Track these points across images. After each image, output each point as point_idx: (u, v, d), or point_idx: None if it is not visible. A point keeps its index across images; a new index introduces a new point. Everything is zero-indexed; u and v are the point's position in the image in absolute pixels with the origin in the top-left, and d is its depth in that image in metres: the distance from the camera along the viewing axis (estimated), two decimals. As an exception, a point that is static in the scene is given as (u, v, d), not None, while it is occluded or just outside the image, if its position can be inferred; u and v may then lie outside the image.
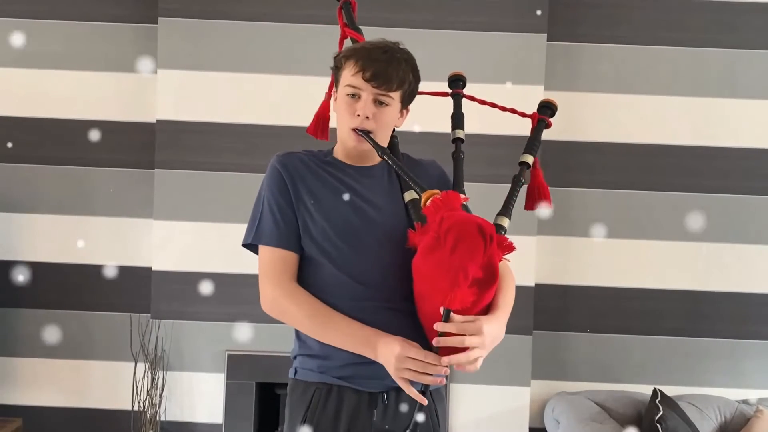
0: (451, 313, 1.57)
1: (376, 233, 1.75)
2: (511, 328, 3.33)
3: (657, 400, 3.23)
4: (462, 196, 1.72)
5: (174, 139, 3.41)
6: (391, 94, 1.74)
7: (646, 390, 3.41)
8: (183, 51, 3.41)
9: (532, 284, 3.44)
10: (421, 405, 1.63)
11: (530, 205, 1.90)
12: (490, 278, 1.62)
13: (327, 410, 1.74)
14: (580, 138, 3.63)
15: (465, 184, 1.84)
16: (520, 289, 3.33)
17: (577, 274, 3.64)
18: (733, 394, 3.54)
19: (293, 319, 1.75)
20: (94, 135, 3.56)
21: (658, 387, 3.33)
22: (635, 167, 3.62)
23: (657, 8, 3.61)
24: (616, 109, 3.62)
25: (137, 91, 3.56)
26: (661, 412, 3.17)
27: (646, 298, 3.62)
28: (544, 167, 3.43)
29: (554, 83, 3.51)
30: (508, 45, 3.42)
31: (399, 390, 1.72)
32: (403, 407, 1.74)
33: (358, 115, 1.74)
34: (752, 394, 3.57)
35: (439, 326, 1.57)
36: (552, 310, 3.61)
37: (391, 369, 1.63)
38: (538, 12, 3.40)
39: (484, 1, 3.43)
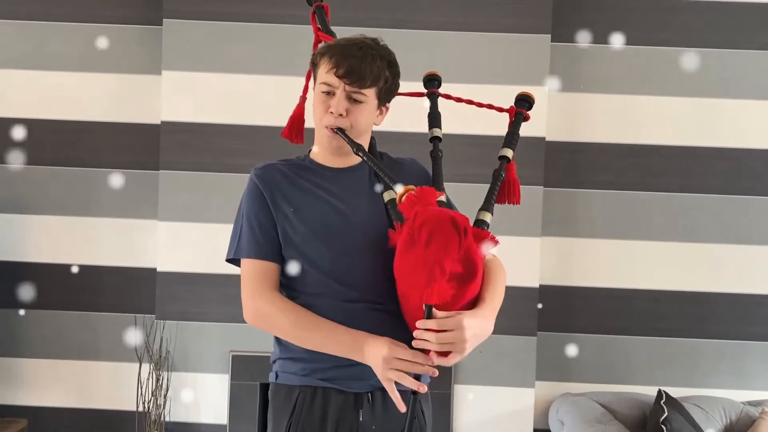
0: (433, 309, 1.55)
1: (357, 234, 1.73)
2: (516, 329, 3.38)
3: (662, 402, 3.22)
4: (438, 191, 1.69)
5: (178, 140, 3.42)
6: (365, 91, 1.71)
7: (650, 391, 3.41)
8: (187, 52, 3.42)
9: (537, 285, 3.42)
10: (409, 405, 1.59)
11: (500, 198, 1.82)
12: (470, 272, 1.59)
13: (313, 413, 1.72)
14: (583, 139, 3.62)
15: (447, 184, 1.83)
16: (524, 291, 3.37)
17: (582, 275, 3.63)
18: (739, 395, 3.52)
19: (277, 327, 1.73)
20: (99, 136, 3.58)
21: (662, 388, 3.32)
22: (639, 168, 3.61)
23: (659, 9, 3.60)
24: (619, 110, 3.61)
25: (142, 92, 3.57)
26: (666, 414, 3.16)
27: (650, 300, 3.61)
28: (548, 168, 3.48)
29: (558, 84, 3.51)
30: (512, 46, 3.42)
31: (384, 390, 1.70)
32: (389, 407, 1.71)
33: (332, 112, 1.72)
34: (757, 396, 3.56)
35: (420, 324, 1.55)
36: (556, 311, 3.60)
37: (378, 370, 1.61)
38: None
39: (488, 2, 3.43)
